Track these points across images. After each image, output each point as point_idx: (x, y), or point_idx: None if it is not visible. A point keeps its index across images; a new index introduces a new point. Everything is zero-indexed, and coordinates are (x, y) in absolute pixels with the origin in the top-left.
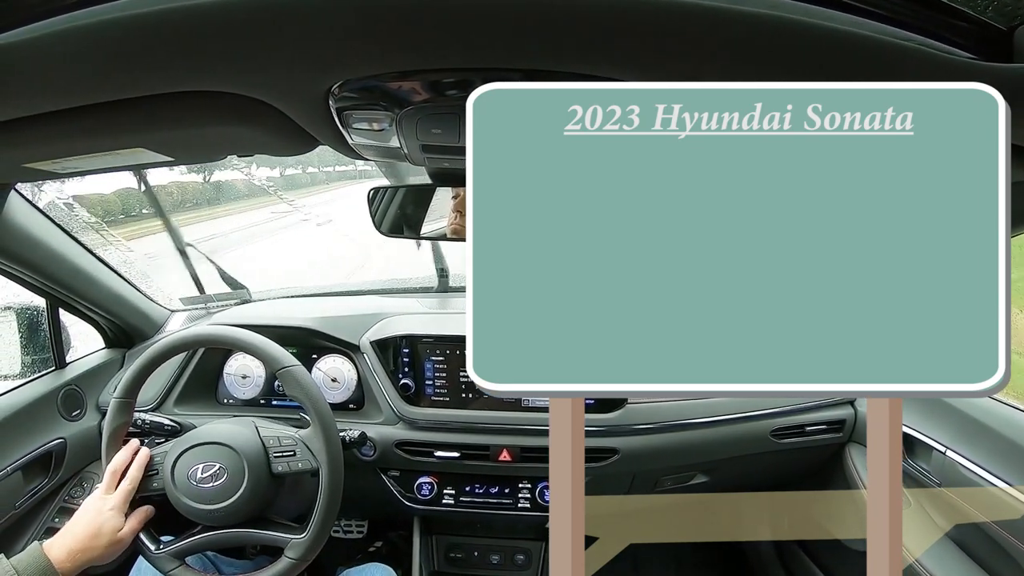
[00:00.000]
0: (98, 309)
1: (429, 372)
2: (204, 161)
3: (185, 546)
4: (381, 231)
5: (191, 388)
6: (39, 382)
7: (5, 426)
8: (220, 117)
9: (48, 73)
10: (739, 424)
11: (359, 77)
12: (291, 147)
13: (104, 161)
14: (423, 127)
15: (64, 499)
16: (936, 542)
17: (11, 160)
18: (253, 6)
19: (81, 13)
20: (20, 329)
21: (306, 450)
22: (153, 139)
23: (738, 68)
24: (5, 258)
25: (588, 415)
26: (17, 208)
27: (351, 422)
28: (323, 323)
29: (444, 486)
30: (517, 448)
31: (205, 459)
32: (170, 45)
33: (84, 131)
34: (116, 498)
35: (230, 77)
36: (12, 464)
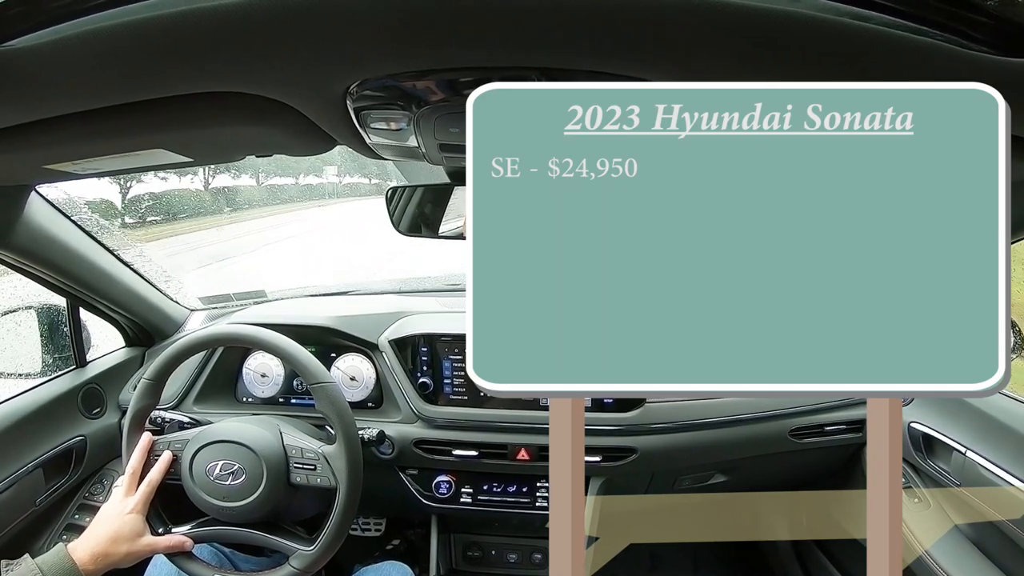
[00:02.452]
0: (118, 308)
1: (447, 371)
2: (222, 161)
3: (192, 535)
4: (399, 230)
5: (210, 386)
6: (60, 380)
7: (26, 424)
8: (239, 118)
9: (68, 76)
10: (758, 424)
11: (377, 77)
12: (309, 147)
13: (124, 162)
14: (441, 126)
15: (84, 496)
16: (955, 542)
17: (32, 161)
18: (272, 8)
19: (100, 16)
20: (41, 328)
21: (327, 466)
22: (172, 140)
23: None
24: (27, 258)
25: (606, 414)
26: (38, 209)
27: (369, 420)
28: (342, 322)
29: (462, 484)
30: (535, 447)
31: (225, 457)
32: (189, 47)
33: (104, 132)
34: (136, 501)
35: (249, 78)
36: (33, 461)
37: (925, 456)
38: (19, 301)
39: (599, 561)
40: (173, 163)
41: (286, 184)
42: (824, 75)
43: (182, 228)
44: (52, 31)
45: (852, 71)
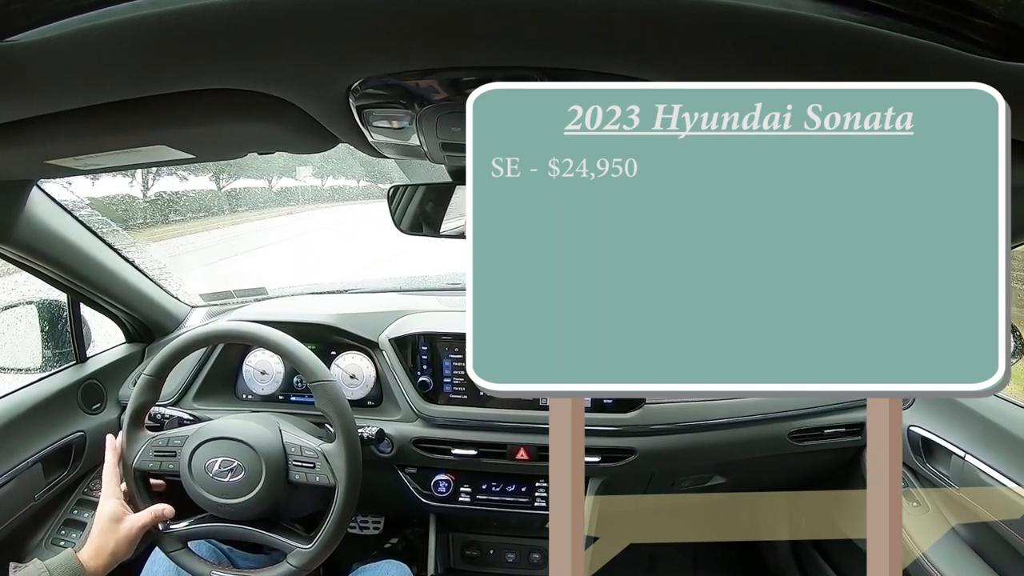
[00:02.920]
0: (119, 304)
1: (448, 370)
2: (225, 158)
3: (190, 531)
4: (401, 229)
5: (210, 383)
6: (60, 376)
7: (26, 419)
8: (241, 115)
9: (71, 72)
10: (758, 426)
11: (380, 75)
12: (311, 145)
13: (126, 158)
14: (443, 125)
15: (83, 491)
16: (952, 545)
17: (34, 157)
18: (276, 5)
19: (103, 12)
20: (41, 324)
21: (326, 464)
22: (175, 136)
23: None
24: (28, 254)
25: (606, 415)
26: (40, 204)
27: (369, 419)
28: (342, 320)
29: (461, 484)
30: (534, 447)
31: (225, 454)
32: (193, 43)
33: (106, 128)
34: (106, 490)
35: (252, 75)
36: (32, 456)
37: (924, 460)
38: (20, 296)
39: (598, 561)
40: (176, 159)
41: (257, 187)
42: (824, 77)
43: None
44: (55, 27)
45: (852, 73)
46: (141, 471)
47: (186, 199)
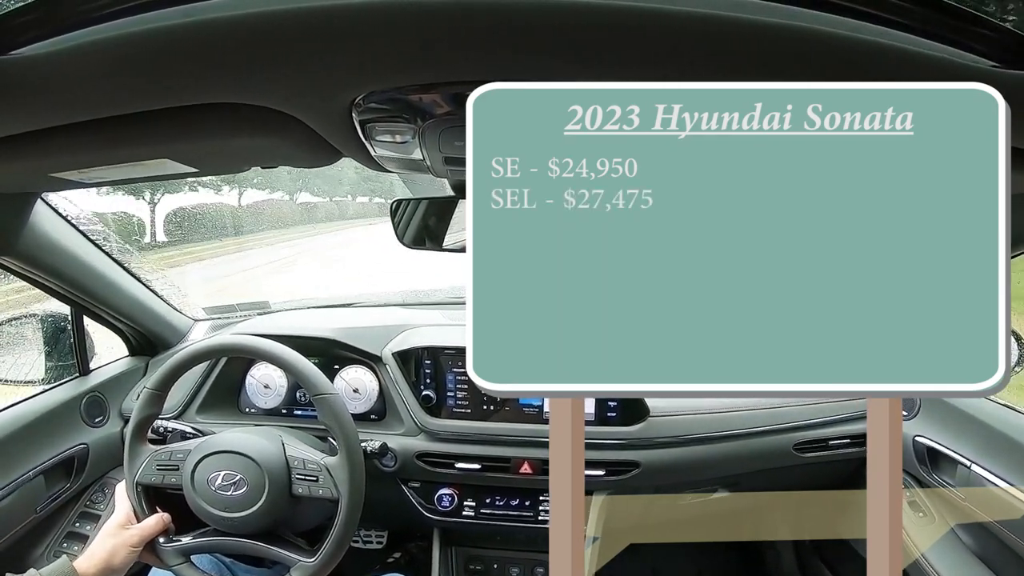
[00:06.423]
0: (122, 317)
1: (451, 384)
2: (228, 172)
3: (192, 545)
4: (404, 243)
5: (213, 396)
6: (63, 388)
7: (29, 431)
8: (245, 129)
9: (76, 85)
10: (762, 437)
11: (383, 89)
12: (315, 159)
13: (129, 171)
14: (445, 139)
15: (86, 504)
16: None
17: (38, 169)
18: (280, 21)
19: (109, 26)
20: (45, 336)
21: (329, 478)
22: (178, 150)
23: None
24: (32, 266)
25: (610, 428)
26: (43, 217)
27: (372, 433)
28: (345, 334)
29: (464, 498)
30: (538, 461)
31: (228, 467)
32: (198, 58)
33: (110, 141)
34: (123, 513)
35: (255, 89)
36: (35, 468)
37: (930, 470)
38: (22, 309)
39: (599, 562)
40: (179, 173)
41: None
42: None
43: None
44: (60, 40)
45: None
46: (144, 485)
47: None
